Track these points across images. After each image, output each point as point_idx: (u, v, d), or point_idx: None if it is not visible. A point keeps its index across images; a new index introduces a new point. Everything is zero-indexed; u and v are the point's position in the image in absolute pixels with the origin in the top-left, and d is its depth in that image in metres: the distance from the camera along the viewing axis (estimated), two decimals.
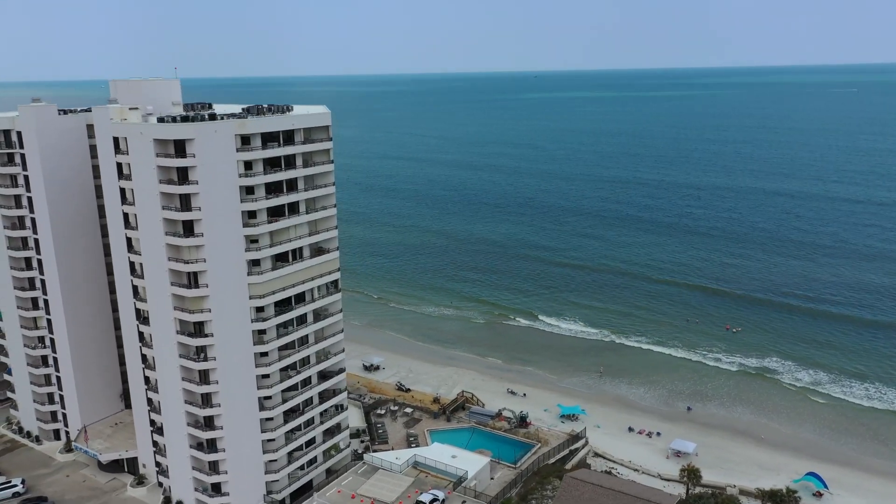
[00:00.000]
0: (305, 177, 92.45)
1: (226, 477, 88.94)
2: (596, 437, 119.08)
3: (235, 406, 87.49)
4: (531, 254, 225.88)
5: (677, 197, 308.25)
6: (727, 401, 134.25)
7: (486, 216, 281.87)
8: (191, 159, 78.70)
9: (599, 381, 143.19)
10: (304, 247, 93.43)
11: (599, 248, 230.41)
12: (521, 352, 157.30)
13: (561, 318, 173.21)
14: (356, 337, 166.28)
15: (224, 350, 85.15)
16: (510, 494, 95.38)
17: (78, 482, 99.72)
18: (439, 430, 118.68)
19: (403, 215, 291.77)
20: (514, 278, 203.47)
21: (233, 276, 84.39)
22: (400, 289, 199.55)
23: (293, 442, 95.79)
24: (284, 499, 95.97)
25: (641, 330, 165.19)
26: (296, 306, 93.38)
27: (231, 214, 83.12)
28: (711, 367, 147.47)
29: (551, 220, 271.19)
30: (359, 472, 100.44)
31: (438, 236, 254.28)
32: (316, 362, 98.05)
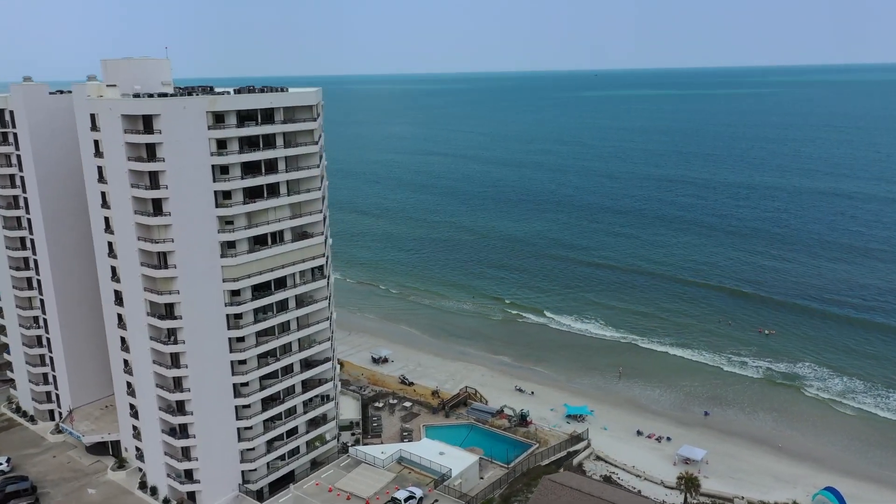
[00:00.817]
0: (287, 157, 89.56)
1: (197, 464, 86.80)
2: (601, 439, 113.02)
3: (207, 391, 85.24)
4: (559, 252, 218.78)
5: (724, 196, 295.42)
6: (748, 407, 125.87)
7: (519, 213, 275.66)
8: (157, 136, 76.72)
9: (612, 381, 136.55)
10: (284, 230, 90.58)
11: (632, 247, 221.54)
12: (536, 349, 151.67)
13: (581, 317, 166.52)
14: (370, 329, 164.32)
15: (194, 333, 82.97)
16: (492, 495, 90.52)
17: (63, 463, 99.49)
18: (436, 425, 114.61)
19: (434, 210, 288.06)
20: (537, 277, 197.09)
21: (204, 257, 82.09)
22: (420, 283, 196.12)
23: (272, 431, 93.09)
24: (263, 489, 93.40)
25: (665, 332, 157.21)
26: (275, 291, 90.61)
27: (202, 194, 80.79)
28: (736, 372, 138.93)
29: (586, 218, 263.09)
30: (341, 465, 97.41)
31: (467, 232, 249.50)
32: (298, 350, 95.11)
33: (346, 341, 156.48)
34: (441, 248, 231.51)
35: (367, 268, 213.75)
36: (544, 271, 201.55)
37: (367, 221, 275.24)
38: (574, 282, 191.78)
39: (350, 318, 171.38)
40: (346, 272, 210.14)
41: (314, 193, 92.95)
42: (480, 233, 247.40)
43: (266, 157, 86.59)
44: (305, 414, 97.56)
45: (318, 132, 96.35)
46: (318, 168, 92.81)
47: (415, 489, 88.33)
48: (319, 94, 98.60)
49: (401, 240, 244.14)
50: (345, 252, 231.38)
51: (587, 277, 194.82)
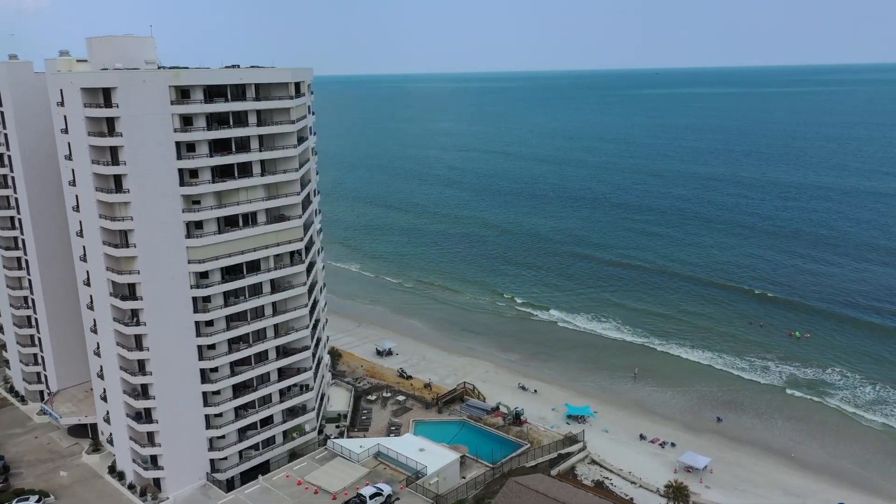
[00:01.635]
0: (261, 136, 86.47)
1: (160, 450, 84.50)
2: (600, 442, 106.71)
3: (171, 375, 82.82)
4: (584, 251, 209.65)
5: (771, 196, 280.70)
6: (766, 414, 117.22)
7: (550, 210, 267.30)
8: (114, 110, 74.50)
9: (623, 383, 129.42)
10: (258, 211, 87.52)
11: (662, 247, 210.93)
12: (547, 348, 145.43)
13: (597, 317, 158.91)
14: (380, 321, 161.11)
15: (156, 315, 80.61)
16: (466, 496, 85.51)
17: (42, 444, 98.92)
18: (426, 421, 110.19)
19: (463, 206, 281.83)
20: (557, 275, 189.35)
21: (167, 236, 79.61)
22: (438, 278, 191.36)
23: (244, 419, 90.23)
24: (234, 478, 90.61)
25: (686, 335, 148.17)
26: (248, 275, 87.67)
27: (164, 171, 78.26)
28: (757, 377, 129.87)
29: (619, 216, 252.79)
30: (316, 457, 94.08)
31: (492, 229, 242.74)
32: (274, 336, 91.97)
33: (354, 332, 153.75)
34: (464, 243, 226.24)
35: (387, 261, 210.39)
36: (566, 269, 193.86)
37: (392, 215, 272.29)
38: (595, 281, 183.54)
39: (361, 310, 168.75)
40: (365, 264, 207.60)
41: (291, 175, 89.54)
42: (507, 229, 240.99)
43: (236, 135, 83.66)
44: (282, 403, 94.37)
45: (300, 112, 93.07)
46: (294, 148, 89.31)
47: (384, 486, 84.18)
48: (304, 74, 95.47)
49: (425, 234, 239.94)
50: (366, 245, 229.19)
51: (609, 277, 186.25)
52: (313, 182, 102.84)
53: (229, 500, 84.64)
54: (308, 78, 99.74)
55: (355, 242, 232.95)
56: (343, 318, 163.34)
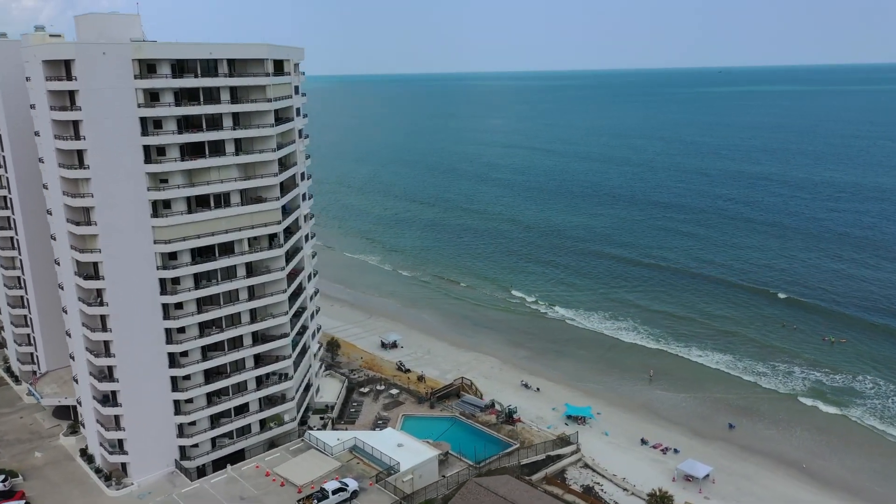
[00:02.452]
0: (235, 114, 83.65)
1: (125, 434, 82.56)
2: (598, 445, 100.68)
3: (135, 357, 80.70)
4: (610, 250, 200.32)
5: (821, 198, 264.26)
6: (784, 423, 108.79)
7: (580, 209, 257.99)
8: (73, 83, 72.59)
9: (634, 384, 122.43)
10: (231, 192, 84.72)
11: (694, 248, 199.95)
12: (558, 345, 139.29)
13: (615, 317, 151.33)
14: (390, 314, 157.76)
15: (119, 295, 78.54)
16: (435, 495, 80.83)
17: (25, 424, 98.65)
18: (416, 416, 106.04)
19: (490, 202, 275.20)
20: (578, 274, 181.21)
21: (130, 215, 77.40)
22: (455, 273, 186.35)
23: (216, 406, 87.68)
24: (205, 466, 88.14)
25: (707, 338, 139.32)
26: (220, 257, 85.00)
27: (127, 148, 76.03)
28: (779, 383, 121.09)
29: (654, 215, 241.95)
30: (291, 448, 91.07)
31: (518, 225, 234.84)
32: (249, 322, 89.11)
33: (363, 324, 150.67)
34: (488, 239, 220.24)
35: (407, 254, 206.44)
36: (588, 268, 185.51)
37: (419, 209, 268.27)
38: (618, 280, 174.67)
39: (374, 302, 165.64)
40: (384, 257, 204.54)
41: (267, 155, 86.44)
42: (533, 226, 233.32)
43: (207, 112, 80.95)
44: (258, 391, 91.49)
45: (281, 90, 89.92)
46: (271, 127, 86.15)
47: (350, 481, 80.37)
48: (287, 52, 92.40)
49: (449, 229, 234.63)
50: (389, 238, 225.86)
51: (633, 277, 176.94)
52: (300, 165, 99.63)
53: (193, 488, 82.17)
54: (296, 57, 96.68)
55: (378, 235, 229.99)
56: (355, 310, 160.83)
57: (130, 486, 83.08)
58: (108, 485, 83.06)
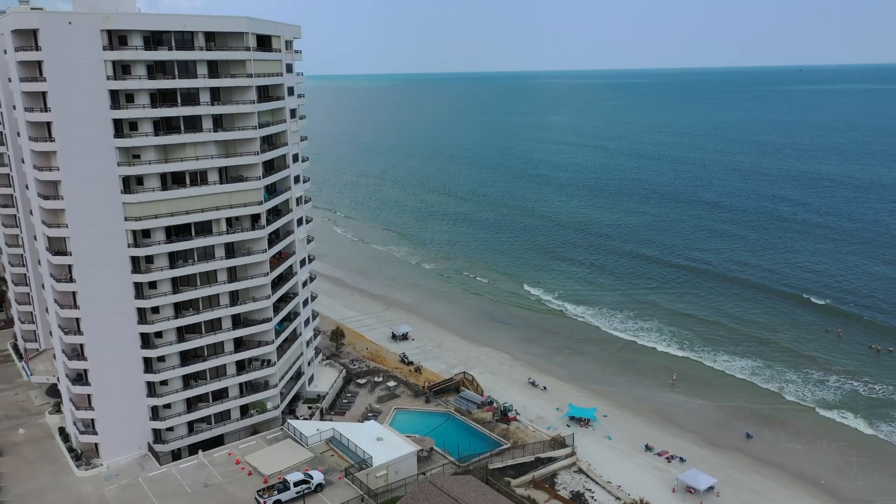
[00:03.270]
0: (212, 89, 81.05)
1: (94, 414, 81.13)
2: (598, 449, 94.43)
3: (105, 336, 78.98)
4: (643, 251, 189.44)
5: (888, 201, 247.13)
6: (809, 435, 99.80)
7: (621, 207, 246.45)
8: (38, 53, 71.11)
9: (650, 388, 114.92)
10: (208, 170, 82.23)
11: (736, 250, 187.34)
12: (576, 343, 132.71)
13: (640, 318, 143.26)
14: (409, 306, 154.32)
15: (87, 272, 76.91)
16: (402, 493, 76.25)
17: (18, 402, 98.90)
18: (409, 409, 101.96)
19: (526, 198, 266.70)
20: (607, 274, 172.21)
21: (99, 190, 75.61)
22: (480, 268, 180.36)
23: (192, 390, 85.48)
24: (180, 450, 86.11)
25: (737, 344, 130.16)
26: (196, 237, 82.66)
27: (96, 121, 74.18)
28: (809, 392, 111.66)
29: (698, 215, 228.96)
30: (268, 437, 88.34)
31: (549, 222, 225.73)
32: (229, 304, 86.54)
33: (378, 315, 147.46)
34: (518, 235, 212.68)
35: (433, 248, 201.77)
36: (618, 268, 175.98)
37: (452, 203, 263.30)
38: (647, 281, 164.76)
39: (394, 294, 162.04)
40: (410, 250, 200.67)
41: (248, 132, 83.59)
42: (567, 223, 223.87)
43: (182, 87, 78.55)
44: (238, 376, 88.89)
45: (268, 67, 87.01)
46: (252, 104, 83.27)
47: (316, 473, 76.79)
48: (275, 28, 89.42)
49: (480, 224, 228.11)
50: (417, 231, 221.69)
51: (665, 278, 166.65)
52: (293, 146, 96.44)
53: (160, 472, 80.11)
54: (288, 35, 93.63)
55: (409, 228, 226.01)
56: (373, 300, 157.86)
57: (99, 466, 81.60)
58: (78, 465, 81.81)
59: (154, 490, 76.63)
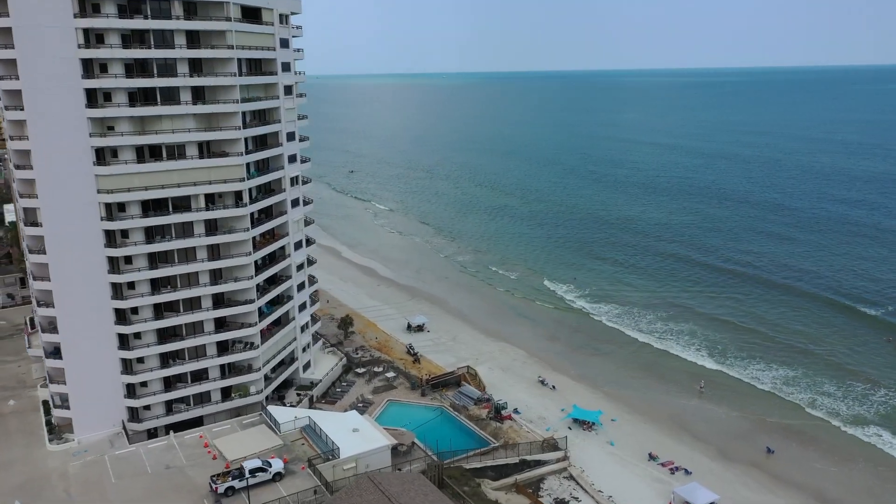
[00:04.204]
0: (191, 60, 78.80)
1: (67, 388, 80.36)
2: (596, 455, 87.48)
3: (77, 310, 77.94)
4: (685, 252, 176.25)
5: None
6: (841, 454, 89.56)
7: (668, 205, 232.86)
8: (6, 19, 70.23)
9: (671, 394, 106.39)
10: (187, 143, 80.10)
11: (787, 255, 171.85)
12: (598, 343, 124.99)
13: (671, 320, 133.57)
14: (433, 297, 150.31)
15: (58, 244, 75.94)
16: None
17: (19, 374, 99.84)
18: (402, 402, 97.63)
19: (573, 195, 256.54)
20: (643, 274, 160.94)
21: (69, 161, 74.36)
22: (514, 263, 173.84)
23: (169, 369, 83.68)
24: (157, 429, 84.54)
25: (773, 353, 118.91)
26: (174, 212, 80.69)
27: (67, 91, 72.93)
28: (848, 407, 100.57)
29: (750, 216, 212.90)
30: (244, 422, 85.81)
31: (593, 220, 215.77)
32: (209, 283, 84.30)
33: (399, 305, 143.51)
34: (558, 231, 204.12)
35: (470, 241, 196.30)
36: (655, 268, 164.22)
37: (495, 198, 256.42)
38: (685, 283, 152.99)
39: (422, 286, 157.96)
40: (449, 243, 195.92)
41: (229, 106, 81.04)
42: (610, 221, 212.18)
43: (158, 57, 76.58)
44: (219, 357, 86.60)
45: (255, 40, 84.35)
46: (233, 77, 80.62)
47: (276, 462, 73.41)
48: (276, 1, 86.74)
49: (521, 220, 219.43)
50: (456, 226, 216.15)
51: (705, 282, 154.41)
52: (287, 123, 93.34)
53: (128, 451, 78.46)
54: (283, 8, 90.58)
55: (446, 222, 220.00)
56: (398, 291, 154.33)
57: (71, 442, 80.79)
58: (51, 439, 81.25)
59: (116, 469, 74.98)
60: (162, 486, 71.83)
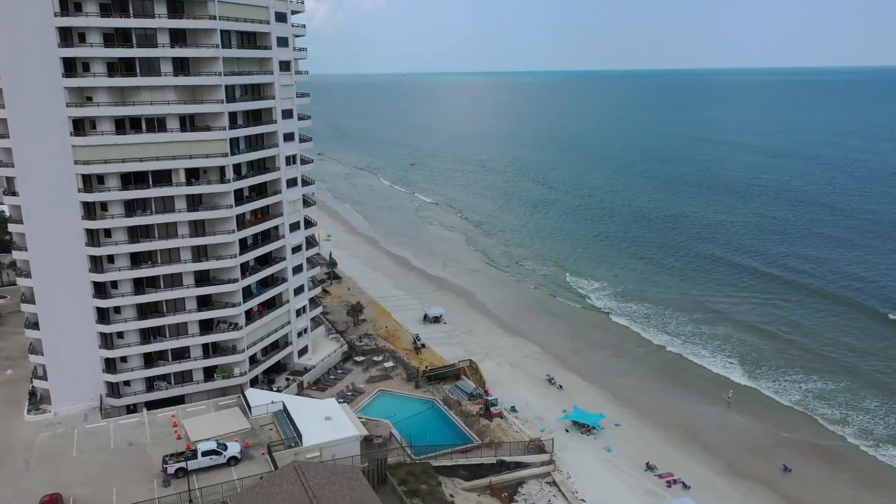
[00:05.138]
0: (172, 30, 77.04)
1: (44, 360, 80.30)
2: (589, 461, 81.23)
3: (53, 282, 77.62)
4: (732, 256, 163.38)
5: None
6: (871, 477, 79.59)
7: (726, 205, 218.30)
8: None
9: (686, 400, 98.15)
10: (166, 116, 78.50)
11: (850, 262, 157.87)
12: (622, 344, 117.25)
13: (704, 323, 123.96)
14: (457, 290, 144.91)
15: (35, 215, 75.62)
16: None
17: (21, 344, 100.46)
18: (393, 393, 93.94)
19: (626, 193, 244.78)
20: (682, 276, 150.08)
21: (46, 130, 73.93)
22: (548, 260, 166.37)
23: (148, 345, 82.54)
24: (137, 405, 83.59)
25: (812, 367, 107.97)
26: (155, 185, 79.34)
27: (42, 59, 72.37)
28: (886, 429, 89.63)
29: (820, 220, 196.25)
30: (219, 403, 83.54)
31: (637, 218, 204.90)
32: (191, 259, 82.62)
33: (425, 296, 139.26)
34: (601, 228, 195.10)
35: (509, 234, 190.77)
36: (698, 272, 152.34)
37: (543, 193, 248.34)
38: (727, 289, 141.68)
39: (451, 277, 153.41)
40: (487, 236, 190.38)
41: (212, 78, 78.96)
42: (659, 220, 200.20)
43: (137, 26, 75.14)
44: (201, 336, 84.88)
45: (241, 11, 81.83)
46: (216, 48, 78.45)
47: (233, 445, 70.68)
48: None
49: (564, 216, 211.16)
50: (497, 219, 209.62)
51: (753, 288, 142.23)
52: (283, 100, 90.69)
53: (98, 426, 77.46)
54: None
55: (489, 216, 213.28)
56: (426, 281, 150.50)
57: (48, 413, 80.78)
58: (29, 409, 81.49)
59: (81, 443, 74.02)
60: (119, 462, 70.25)
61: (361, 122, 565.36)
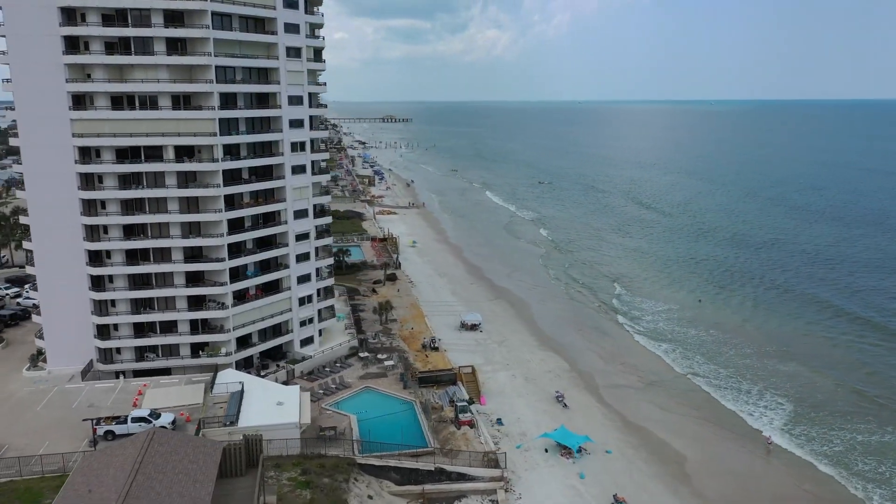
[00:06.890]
0: (165, 11, 79.85)
1: (41, 320, 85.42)
2: (551, 486, 72.96)
3: (51, 247, 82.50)
4: (812, 289, 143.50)
5: None
6: None
7: (847, 238, 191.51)
8: None
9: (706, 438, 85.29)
10: (159, 94, 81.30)
11: None
12: (662, 371, 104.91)
13: (772, 357, 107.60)
14: (510, 299, 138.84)
15: (36, 183, 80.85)
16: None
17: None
18: (377, 390, 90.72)
19: (740, 217, 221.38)
20: (766, 310, 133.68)
21: (46, 103, 79.05)
22: (623, 281, 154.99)
23: (137, 316, 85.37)
24: (125, 373, 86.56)
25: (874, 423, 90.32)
26: (147, 160, 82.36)
27: (45, 38, 77.60)
28: None
29: None
30: (193, 380, 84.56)
31: (740, 244, 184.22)
32: (180, 235, 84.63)
33: (477, 305, 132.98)
34: (691, 253, 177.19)
35: (593, 252, 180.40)
36: (783, 306, 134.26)
37: (644, 214, 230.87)
38: (819, 329, 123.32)
39: (514, 289, 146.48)
40: (565, 254, 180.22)
41: (202, 58, 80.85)
42: (763, 248, 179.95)
43: (133, 6, 78.61)
44: (188, 312, 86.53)
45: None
46: (207, 29, 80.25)
47: (166, 415, 71.13)
48: None
49: (659, 239, 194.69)
50: (586, 239, 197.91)
51: (839, 328, 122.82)
52: (290, 87, 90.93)
53: (76, 387, 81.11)
54: None
55: (574, 235, 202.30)
56: (486, 291, 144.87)
57: (43, 371, 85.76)
58: (28, 367, 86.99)
59: (52, 400, 77.87)
60: (67, 420, 72.79)
61: (509, 145, 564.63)
